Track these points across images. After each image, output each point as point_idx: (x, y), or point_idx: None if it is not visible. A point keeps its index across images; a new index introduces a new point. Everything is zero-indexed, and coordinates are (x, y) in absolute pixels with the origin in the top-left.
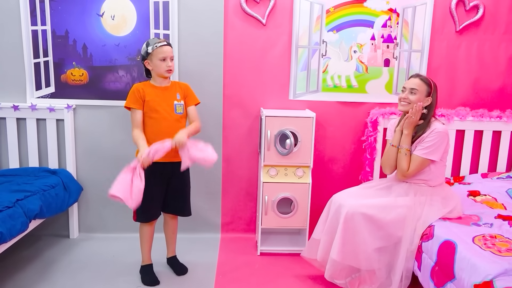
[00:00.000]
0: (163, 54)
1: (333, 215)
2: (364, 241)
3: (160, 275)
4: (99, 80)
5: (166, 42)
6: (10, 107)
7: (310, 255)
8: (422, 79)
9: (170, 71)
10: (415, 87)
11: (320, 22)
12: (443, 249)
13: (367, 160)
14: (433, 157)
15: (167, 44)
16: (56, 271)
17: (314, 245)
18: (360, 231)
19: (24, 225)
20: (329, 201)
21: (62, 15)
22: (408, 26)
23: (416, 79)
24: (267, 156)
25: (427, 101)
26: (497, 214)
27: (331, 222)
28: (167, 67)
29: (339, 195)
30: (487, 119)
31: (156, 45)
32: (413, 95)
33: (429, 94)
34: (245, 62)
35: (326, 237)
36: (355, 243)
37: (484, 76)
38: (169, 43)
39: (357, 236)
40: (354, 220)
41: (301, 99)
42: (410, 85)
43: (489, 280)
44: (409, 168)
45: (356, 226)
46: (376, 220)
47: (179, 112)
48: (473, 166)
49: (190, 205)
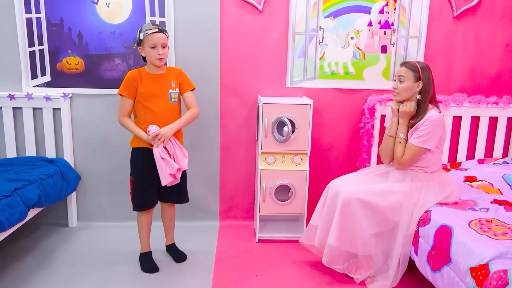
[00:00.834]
0: (153, 41)
1: (330, 201)
2: (361, 227)
3: (159, 262)
4: (95, 69)
5: (159, 28)
6: (6, 96)
7: (308, 241)
8: (407, 66)
9: (161, 59)
10: (402, 74)
11: (317, 9)
12: (439, 234)
13: (364, 147)
14: (427, 146)
15: (159, 31)
16: (55, 260)
17: (311, 231)
18: (357, 216)
19: (22, 213)
20: (326, 187)
21: (56, 2)
22: (406, 12)
23: (401, 67)
24: (265, 143)
25: (418, 85)
26: (493, 199)
27: (328, 208)
28: (158, 55)
29: (336, 181)
30: (484, 105)
31: (147, 32)
32: (401, 83)
33: (419, 78)
34: (242, 49)
35: (323, 223)
36: (352, 229)
37: (481, 62)
38: (162, 29)
39: (354, 221)
40: (351, 206)
41: (298, 86)
42: (399, 73)
43: (485, 263)
44: (403, 156)
45: (353, 212)
46: (372, 205)
47: (174, 100)
48: (470, 152)
49: (187, 192)
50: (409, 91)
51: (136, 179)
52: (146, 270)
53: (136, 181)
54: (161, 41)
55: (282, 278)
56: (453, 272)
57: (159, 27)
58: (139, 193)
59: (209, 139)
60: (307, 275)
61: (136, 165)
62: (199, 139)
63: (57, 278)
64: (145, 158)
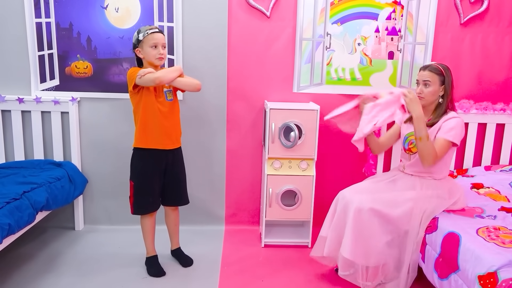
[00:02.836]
0: (154, 41)
1: (340, 211)
2: (374, 236)
3: (166, 266)
4: (103, 73)
5: (158, 29)
6: (15, 99)
7: (319, 253)
8: (431, 70)
9: (161, 58)
10: (427, 78)
11: (324, 15)
12: (447, 241)
13: (371, 152)
14: (456, 140)
15: (159, 32)
16: (62, 263)
17: (322, 243)
18: (370, 226)
19: (31, 217)
20: (335, 198)
21: (66, 7)
22: (413, 18)
23: (425, 71)
24: (271, 148)
25: (442, 89)
26: (501, 206)
27: (338, 219)
28: (159, 54)
29: (345, 191)
30: (490, 111)
31: (148, 31)
32: (426, 88)
33: (443, 82)
34: (249, 54)
35: (333, 233)
36: (366, 239)
37: (488, 68)
38: (161, 30)
39: (367, 231)
40: (363, 216)
41: (305, 92)
42: (423, 77)
43: (493, 271)
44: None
45: (365, 221)
46: (384, 214)
47: (169, 99)
48: (476, 159)
49: (187, 193)
50: (434, 95)
51: (138, 181)
52: (152, 274)
53: (137, 183)
54: (162, 41)
55: (288, 284)
56: (461, 280)
57: (158, 28)
58: (142, 196)
59: (216, 144)
60: (313, 281)
61: (139, 167)
62: (206, 143)
63: (64, 281)
64: (148, 160)
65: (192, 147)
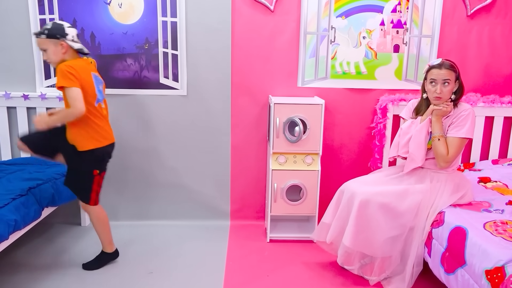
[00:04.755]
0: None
1: (346, 202)
2: (379, 229)
3: (171, 262)
4: (107, 69)
5: (35, 33)
6: (20, 96)
7: (319, 238)
8: (448, 67)
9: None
10: (447, 77)
11: (328, 8)
12: (453, 235)
13: (376, 147)
14: (470, 135)
15: (35, 34)
16: (68, 258)
17: (323, 229)
18: (375, 218)
19: (37, 212)
20: (339, 189)
21: (69, 3)
22: (418, 11)
23: (442, 70)
24: (276, 143)
25: (456, 85)
26: (508, 201)
27: (342, 210)
28: None
29: (351, 183)
30: (498, 105)
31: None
32: (446, 86)
33: (457, 78)
34: (253, 49)
35: (337, 221)
36: (369, 231)
37: (495, 61)
38: (35, 32)
39: (372, 224)
40: (369, 208)
41: (310, 86)
42: (442, 76)
43: (501, 265)
44: (449, 153)
45: (370, 214)
46: (391, 207)
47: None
48: (484, 153)
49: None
50: (451, 92)
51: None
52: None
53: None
54: (40, 46)
55: (293, 279)
56: (468, 275)
57: (36, 32)
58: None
59: (221, 139)
60: (319, 276)
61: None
62: (211, 139)
63: (70, 276)
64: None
65: (196, 142)
